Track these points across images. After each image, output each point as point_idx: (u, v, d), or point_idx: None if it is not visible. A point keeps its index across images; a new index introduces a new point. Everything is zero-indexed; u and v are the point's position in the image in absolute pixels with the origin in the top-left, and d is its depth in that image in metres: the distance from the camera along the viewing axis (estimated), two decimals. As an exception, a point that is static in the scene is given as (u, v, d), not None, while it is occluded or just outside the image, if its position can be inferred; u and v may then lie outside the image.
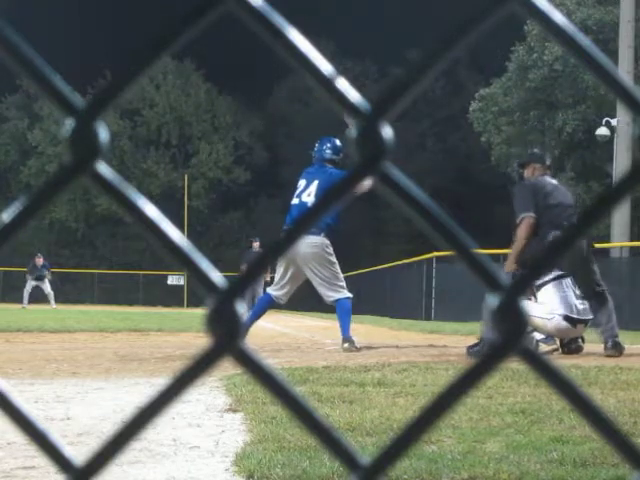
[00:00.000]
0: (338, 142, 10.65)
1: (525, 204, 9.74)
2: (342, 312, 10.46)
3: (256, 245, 33.49)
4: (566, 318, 9.59)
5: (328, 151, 10.56)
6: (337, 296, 10.47)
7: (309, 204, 9.99)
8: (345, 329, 10.35)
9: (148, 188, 57.31)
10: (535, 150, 10.58)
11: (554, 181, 10.16)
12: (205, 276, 0.61)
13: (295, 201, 10.49)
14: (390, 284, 36.08)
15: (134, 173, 59.78)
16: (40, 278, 37.32)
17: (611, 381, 6.45)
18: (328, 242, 10.45)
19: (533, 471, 3.45)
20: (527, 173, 10.01)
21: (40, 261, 37.64)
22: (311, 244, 10.19)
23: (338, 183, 0.62)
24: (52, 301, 36.85)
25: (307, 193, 10.36)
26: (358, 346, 10.27)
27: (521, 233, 9.59)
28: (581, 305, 9.72)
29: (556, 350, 9.87)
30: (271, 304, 10.74)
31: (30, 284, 37.72)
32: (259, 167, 60.47)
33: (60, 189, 0.61)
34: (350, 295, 10.64)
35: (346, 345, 10.26)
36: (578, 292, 9.87)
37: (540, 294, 9.74)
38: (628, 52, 29.38)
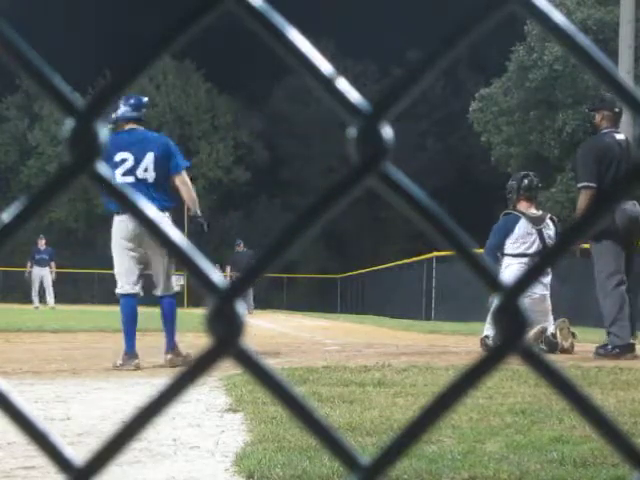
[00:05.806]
0: (145, 99, 8.63)
1: (585, 170, 8.89)
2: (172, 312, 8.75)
3: (239, 248, 33.81)
4: None
5: (128, 108, 8.11)
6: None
7: (150, 180, 8.45)
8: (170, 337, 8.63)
9: (148, 188, 57.19)
10: (605, 94, 9.43)
11: (622, 136, 9.31)
12: (205, 276, 0.61)
13: (129, 179, 8.35)
14: (390, 284, 36.08)
15: (134, 173, 59.74)
16: (41, 263, 32.35)
17: (611, 381, 6.45)
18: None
19: (533, 471, 3.45)
20: (597, 120, 9.26)
21: (42, 243, 32.66)
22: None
23: (337, 184, 0.61)
24: (50, 297, 32.41)
25: (143, 168, 8.47)
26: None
27: (581, 207, 8.72)
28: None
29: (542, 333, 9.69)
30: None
31: (36, 281, 32.58)
32: (259, 167, 60.41)
33: (60, 189, 0.61)
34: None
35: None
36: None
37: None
38: (628, 52, 29.33)
